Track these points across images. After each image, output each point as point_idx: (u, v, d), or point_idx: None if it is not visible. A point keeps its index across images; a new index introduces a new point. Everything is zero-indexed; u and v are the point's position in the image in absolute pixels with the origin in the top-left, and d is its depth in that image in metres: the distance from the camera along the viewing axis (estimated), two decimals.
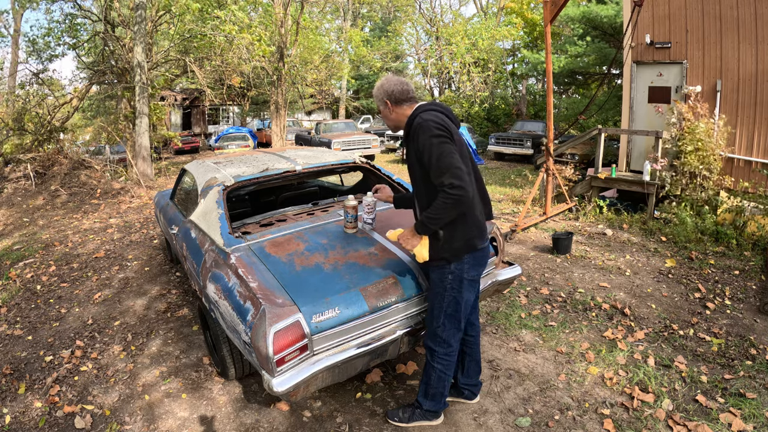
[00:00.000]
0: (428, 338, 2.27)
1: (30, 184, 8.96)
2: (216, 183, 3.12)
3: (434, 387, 2.31)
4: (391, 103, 2.17)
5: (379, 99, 2.21)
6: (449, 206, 1.91)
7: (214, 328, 2.70)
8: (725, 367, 2.90)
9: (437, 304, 2.17)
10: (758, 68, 5.97)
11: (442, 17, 23.79)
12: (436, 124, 1.95)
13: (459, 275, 2.10)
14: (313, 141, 14.24)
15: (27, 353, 3.33)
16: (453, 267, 2.09)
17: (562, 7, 5.60)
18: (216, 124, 24.73)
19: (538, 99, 20.69)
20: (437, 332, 2.21)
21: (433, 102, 2.14)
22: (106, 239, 6.07)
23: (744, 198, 5.62)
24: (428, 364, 2.30)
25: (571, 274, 4.46)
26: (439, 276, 2.13)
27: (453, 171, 1.87)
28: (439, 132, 1.93)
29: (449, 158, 1.89)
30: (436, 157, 1.90)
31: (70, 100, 11.53)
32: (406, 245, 2.17)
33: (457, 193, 1.87)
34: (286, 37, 13.75)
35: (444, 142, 1.92)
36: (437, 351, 2.24)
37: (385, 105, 2.19)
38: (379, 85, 2.21)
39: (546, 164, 6.18)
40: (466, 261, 2.10)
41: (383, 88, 2.18)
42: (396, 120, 2.20)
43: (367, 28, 28.67)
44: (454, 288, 2.12)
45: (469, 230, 2.06)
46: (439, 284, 2.14)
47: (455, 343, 2.25)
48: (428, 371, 2.31)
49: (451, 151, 1.91)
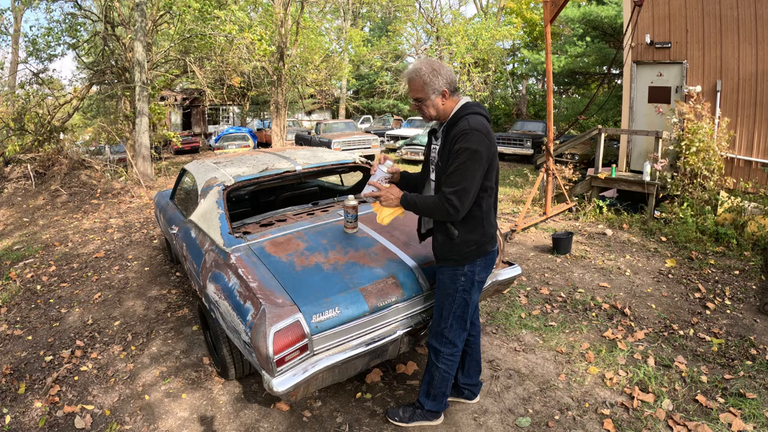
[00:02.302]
0: (433, 338, 2.24)
1: (30, 184, 8.96)
2: (216, 183, 3.12)
3: (437, 387, 2.29)
4: (450, 92, 1.96)
5: (433, 86, 1.93)
6: (435, 212, 1.93)
7: (214, 328, 2.70)
8: (725, 367, 2.90)
9: (446, 305, 2.13)
10: (758, 68, 5.97)
11: (442, 17, 23.79)
12: (481, 138, 1.86)
13: (471, 277, 2.08)
14: (313, 141, 14.24)
15: (27, 353, 3.33)
16: (466, 269, 2.06)
17: (562, 7, 5.61)
18: (216, 124, 24.74)
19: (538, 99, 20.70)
20: (444, 333, 2.17)
21: (478, 103, 2.00)
22: (106, 239, 6.07)
23: (744, 198, 5.62)
24: (432, 364, 2.26)
25: (571, 274, 4.46)
26: (451, 277, 2.10)
27: (462, 192, 1.86)
28: (479, 149, 1.85)
29: (470, 179, 1.86)
30: (460, 170, 1.86)
31: (70, 100, 11.53)
32: (383, 198, 2.09)
33: (450, 210, 1.88)
34: (286, 37, 13.75)
35: (477, 160, 1.85)
36: (443, 351, 2.20)
37: (440, 94, 1.95)
38: (431, 70, 1.93)
39: (546, 164, 6.18)
40: (479, 263, 2.08)
41: (441, 74, 1.93)
42: (443, 111, 2.00)
43: (367, 28, 28.67)
44: (465, 290, 2.10)
45: (485, 234, 2.04)
46: (450, 285, 2.11)
47: (460, 343, 2.22)
48: (431, 371, 2.28)
49: (476, 172, 1.87)
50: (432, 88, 1.93)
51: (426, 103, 1.97)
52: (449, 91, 1.95)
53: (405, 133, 16.30)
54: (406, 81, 2.01)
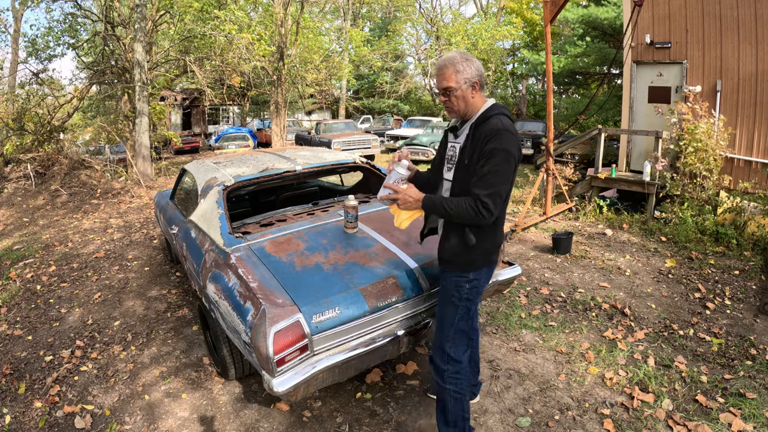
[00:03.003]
0: (435, 355, 2.09)
1: (30, 184, 8.96)
2: (216, 183, 3.12)
3: (452, 411, 2.07)
4: (480, 85, 1.88)
5: (465, 75, 1.84)
6: (467, 217, 1.80)
7: (214, 328, 2.70)
8: (725, 367, 2.90)
9: (448, 315, 2.02)
10: (758, 68, 5.97)
11: (442, 17, 23.80)
12: (514, 140, 1.78)
13: (476, 285, 1.98)
14: (313, 141, 14.24)
15: (27, 353, 3.33)
16: (472, 276, 1.96)
17: (562, 7, 5.61)
18: (216, 124, 24.75)
19: (538, 99, 20.71)
20: (445, 348, 2.04)
21: (504, 106, 1.93)
22: (106, 239, 6.07)
23: (744, 198, 5.62)
24: (440, 388, 2.07)
25: (571, 274, 4.46)
26: (455, 284, 1.98)
27: (496, 195, 1.77)
28: (513, 151, 1.77)
29: (504, 182, 1.78)
30: (494, 173, 1.76)
31: (70, 100, 11.53)
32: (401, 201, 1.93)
33: (484, 214, 1.77)
34: (286, 37, 13.75)
35: (511, 163, 1.78)
36: (446, 370, 2.04)
37: (471, 87, 1.86)
38: (464, 59, 1.85)
39: (546, 164, 6.18)
40: (483, 272, 1.99)
41: (474, 65, 1.86)
42: (472, 106, 1.90)
43: (367, 28, 28.67)
44: (470, 299, 1.99)
45: (494, 243, 1.97)
46: (454, 293, 1.99)
47: (464, 358, 2.07)
48: (442, 396, 2.08)
49: (509, 176, 1.80)
50: (464, 77, 1.84)
51: (456, 93, 1.86)
52: (480, 85, 1.88)
53: (405, 133, 16.31)
54: (437, 70, 1.90)
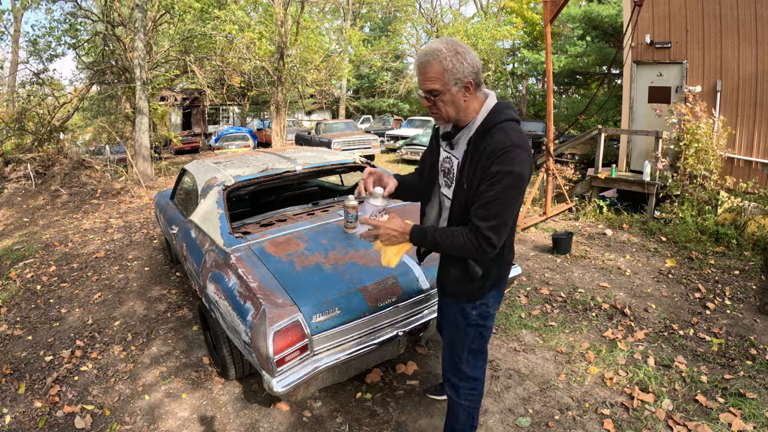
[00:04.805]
0: (448, 372, 1.88)
1: (30, 184, 8.96)
2: (216, 183, 3.12)
3: (462, 422, 1.92)
4: (475, 84, 1.47)
5: (455, 74, 1.42)
6: (465, 251, 1.51)
7: (214, 328, 2.70)
8: (725, 367, 2.90)
9: (458, 340, 1.80)
10: (758, 68, 5.97)
11: (442, 17, 23.79)
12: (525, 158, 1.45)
13: (485, 310, 1.75)
14: (313, 141, 14.24)
15: (27, 353, 3.33)
16: (478, 303, 1.73)
17: (562, 7, 5.61)
18: (216, 124, 24.74)
19: (538, 99, 20.71)
20: (459, 368, 1.84)
21: (509, 104, 1.54)
22: (107, 239, 6.07)
23: (744, 198, 5.62)
24: (452, 401, 1.90)
25: (571, 274, 4.46)
26: (460, 311, 1.76)
27: (502, 226, 1.47)
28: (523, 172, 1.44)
29: (511, 210, 1.47)
30: (500, 200, 1.44)
31: (71, 99, 11.54)
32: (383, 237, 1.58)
33: (486, 249, 1.48)
34: (286, 37, 13.75)
35: (520, 186, 1.46)
36: (462, 387, 1.85)
37: (463, 86, 1.45)
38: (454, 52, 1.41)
39: (546, 164, 6.18)
40: (492, 296, 1.75)
41: (467, 60, 1.42)
42: (465, 112, 1.51)
43: (367, 28, 28.68)
44: (479, 324, 1.76)
45: (505, 262, 1.73)
46: (461, 320, 1.77)
47: (482, 375, 1.88)
48: (454, 409, 1.92)
49: (517, 201, 1.49)
50: (454, 76, 1.42)
51: (443, 97, 1.45)
52: (474, 84, 1.46)
53: (405, 133, 16.29)
54: (418, 66, 1.47)
